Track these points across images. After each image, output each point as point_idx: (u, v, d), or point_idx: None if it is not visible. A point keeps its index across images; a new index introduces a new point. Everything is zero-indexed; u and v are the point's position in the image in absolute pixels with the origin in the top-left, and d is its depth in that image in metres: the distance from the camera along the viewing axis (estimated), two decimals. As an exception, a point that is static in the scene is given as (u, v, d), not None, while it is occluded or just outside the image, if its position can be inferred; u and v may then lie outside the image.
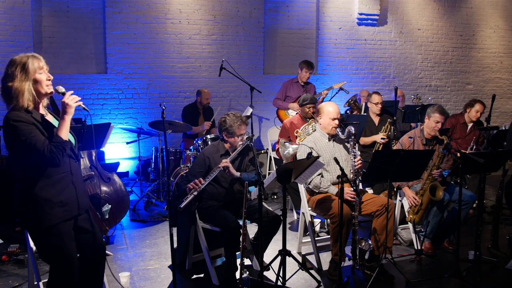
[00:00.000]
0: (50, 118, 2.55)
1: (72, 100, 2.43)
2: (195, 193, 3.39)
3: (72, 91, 2.47)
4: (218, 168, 3.52)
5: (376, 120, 5.44)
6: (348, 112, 6.49)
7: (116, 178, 4.35)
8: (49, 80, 2.47)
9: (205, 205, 3.62)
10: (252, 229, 4.40)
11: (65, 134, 2.41)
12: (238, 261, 3.34)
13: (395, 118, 5.22)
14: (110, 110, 7.01)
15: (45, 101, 2.55)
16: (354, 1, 8.35)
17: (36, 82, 2.41)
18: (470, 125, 5.52)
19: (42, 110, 2.52)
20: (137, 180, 6.26)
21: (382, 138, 5.18)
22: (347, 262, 3.76)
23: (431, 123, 4.21)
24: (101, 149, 5.58)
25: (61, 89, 2.50)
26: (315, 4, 8.14)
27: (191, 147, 5.18)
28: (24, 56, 2.42)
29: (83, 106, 2.52)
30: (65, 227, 2.49)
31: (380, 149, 5.16)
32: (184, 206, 3.35)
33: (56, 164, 2.39)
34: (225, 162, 3.54)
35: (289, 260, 3.38)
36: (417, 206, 4.08)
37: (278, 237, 3.57)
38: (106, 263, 2.83)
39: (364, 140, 5.32)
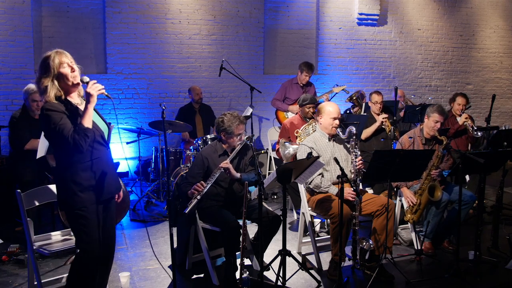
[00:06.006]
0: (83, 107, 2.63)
1: (94, 89, 2.50)
2: (199, 197, 3.40)
3: (95, 80, 2.53)
4: (219, 170, 3.52)
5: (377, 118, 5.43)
6: (350, 109, 6.48)
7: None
8: (74, 72, 2.56)
9: (205, 205, 3.62)
10: (252, 229, 4.40)
11: (88, 121, 2.48)
12: (238, 261, 3.34)
13: (395, 118, 5.22)
14: (110, 110, 7.01)
15: (81, 91, 2.64)
16: (354, 1, 8.34)
17: (61, 75, 2.52)
18: (459, 118, 5.51)
19: (78, 99, 2.63)
20: (137, 180, 6.26)
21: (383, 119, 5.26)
22: (347, 262, 3.76)
23: (430, 123, 4.22)
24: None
25: (86, 78, 2.56)
26: (315, 4, 8.14)
27: (191, 147, 5.18)
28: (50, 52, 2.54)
29: (106, 94, 2.59)
30: (93, 210, 2.60)
31: (387, 127, 5.24)
32: (189, 211, 3.37)
33: (79, 151, 2.48)
34: (226, 163, 3.54)
35: (289, 260, 3.38)
36: (415, 206, 4.08)
37: (278, 237, 3.57)
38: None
39: (367, 131, 5.29)
